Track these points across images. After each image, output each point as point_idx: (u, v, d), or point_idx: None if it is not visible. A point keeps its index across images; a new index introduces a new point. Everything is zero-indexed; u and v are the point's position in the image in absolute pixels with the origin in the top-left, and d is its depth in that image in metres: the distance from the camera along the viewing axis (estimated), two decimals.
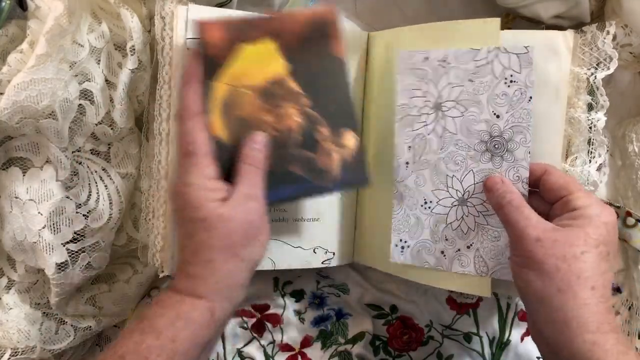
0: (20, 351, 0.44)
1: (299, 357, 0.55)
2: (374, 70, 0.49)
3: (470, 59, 0.41)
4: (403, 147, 0.44)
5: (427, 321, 0.56)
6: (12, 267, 0.46)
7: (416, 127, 0.44)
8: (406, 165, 0.44)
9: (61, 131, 0.41)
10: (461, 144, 0.42)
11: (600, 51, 0.42)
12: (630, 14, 0.42)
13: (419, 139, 0.44)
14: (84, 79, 0.42)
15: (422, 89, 0.43)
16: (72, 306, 0.47)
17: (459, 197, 0.43)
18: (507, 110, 0.41)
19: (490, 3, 0.50)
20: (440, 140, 0.43)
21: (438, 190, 0.43)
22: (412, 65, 0.44)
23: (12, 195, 0.42)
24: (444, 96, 0.42)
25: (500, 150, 0.41)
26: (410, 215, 0.45)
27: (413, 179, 0.44)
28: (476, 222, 0.43)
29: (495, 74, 0.41)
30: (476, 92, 0.42)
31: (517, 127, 0.41)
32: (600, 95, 0.42)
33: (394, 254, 0.46)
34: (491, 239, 0.42)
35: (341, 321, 0.56)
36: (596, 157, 0.43)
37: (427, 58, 0.43)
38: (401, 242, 0.45)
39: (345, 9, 0.53)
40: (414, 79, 0.43)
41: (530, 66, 0.40)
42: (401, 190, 0.45)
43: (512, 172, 0.41)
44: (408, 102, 0.44)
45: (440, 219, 0.44)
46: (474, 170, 0.42)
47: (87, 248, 0.44)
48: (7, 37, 0.41)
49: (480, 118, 0.42)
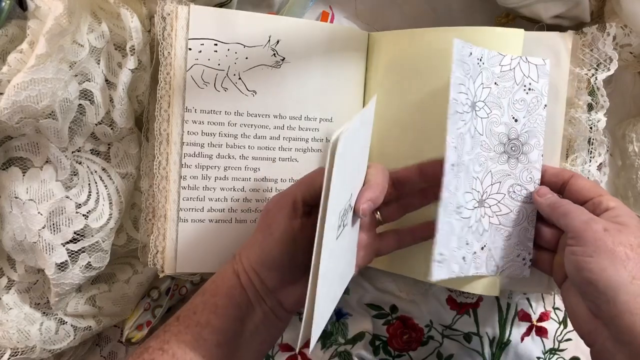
0: (20, 351, 0.44)
1: (298, 357, 0.55)
2: (377, 71, 0.49)
3: (497, 63, 0.43)
4: (451, 148, 0.38)
5: (427, 321, 0.56)
6: (12, 267, 0.46)
7: (459, 125, 0.39)
8: (452, 168, 0.38)
9: (61, 131, 0.41)
10: (485, 145, 0.43)
11: (600, 52, 0.43)
12: (630, 15, 0.42)
13: (460, 138, 0.39)
14: (84, 79, 0.42)
15: (465, 84, 0.40)
16: (72, 306, 0.47)
17: (479, 199, 0.43)
18: (524, 115, 0.43)
19: (491, 3, 0.50)
20: (472, 140, 0.41)
21: (467, 193, 0.41)
22: (462, 57, 0.39)
23: (12, 195, 0.42)
24: (478, 95, 0.42)
25: (516, 152, 0.43)
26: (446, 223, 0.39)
27: (454, 184, 0.39)
28: (490, 222, 0.43)
29: (516, 80, 0.43)
30: (499, 95, 0.43)
31: (532, 131, 0.43)
32: (600, 95, 0.43)
33: (436, 271, 0.38)
34: (503, 238, 0.43)
35: (341, 321, 0.56)
36: (596, 156, 0.44)
37: (471, 53, 0.40)
38: (441, 257, 0.38)
39: (345, 9, 0.53)
40: (462, 72, 0.39)
41: (546, 77, 0.43)
42: (446, 197, 0.37)
43: (525, 174, 0.43)
44: (457, 97, 0.38)
45: (465, 223, 0.41)
46: (492, 171, 0.43)
47: (87, 248, 0.44)
48: (7, 37, 0.41)
49: (501, 121, 0.43)
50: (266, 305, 0.39)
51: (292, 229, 0.38)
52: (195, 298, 0.39)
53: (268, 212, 0.40)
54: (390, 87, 0.48)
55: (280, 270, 0.39)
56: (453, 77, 0.38)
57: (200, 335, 0.37)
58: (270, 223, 0.39)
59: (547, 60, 0.42)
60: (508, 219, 0.43)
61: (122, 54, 0.45)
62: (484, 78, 0.42)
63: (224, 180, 0.46)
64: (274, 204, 0.40)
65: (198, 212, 0.46)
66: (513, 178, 0.43)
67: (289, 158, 0.47)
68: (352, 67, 0.49)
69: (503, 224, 0.43)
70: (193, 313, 0.38)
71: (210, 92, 0.45)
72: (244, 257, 0.40)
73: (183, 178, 0.45)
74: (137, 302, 0.52)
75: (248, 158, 0.46)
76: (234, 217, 0.46)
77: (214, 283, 0.40)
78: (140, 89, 0.46)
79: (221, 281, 0.39)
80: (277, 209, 0.39)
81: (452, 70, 0.37)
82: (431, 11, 0.53)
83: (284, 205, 0.39)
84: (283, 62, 0.46)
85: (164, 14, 0.44)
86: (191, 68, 0.44)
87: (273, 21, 0.46)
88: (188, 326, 0.37)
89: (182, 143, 0.45)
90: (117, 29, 0.45)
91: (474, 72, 0.41)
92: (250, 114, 0.46)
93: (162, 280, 0.53)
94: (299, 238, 0.38)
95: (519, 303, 0.54)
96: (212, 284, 0.40)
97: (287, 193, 0.39)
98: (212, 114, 0.45)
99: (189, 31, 0.44)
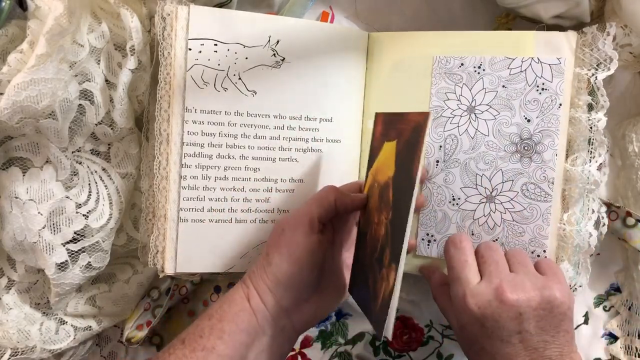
0: (20, 351, 0.44)
1: (298, 357, 0.55)
2: (380, 73, 0.49)
3: (505, 67, 0.45)
4: (434, 146, 0.47)
5: (427, 321, 0.56)
6: (12, 267, 0.46)
7: (448, 127, 0.46)
8: (436, 164, 0.47)
9: (61, 131, 0.41)
10: (492, 144, 0.45)
11: (600, 52, 0.42)
12: (630, 15, 0.42)
13: (450, 139, 0.46)
14: (84, 79, 0.42)
15: (457, 92, 0.46)
16: (72, 306, 0.47)
17: (487, 195, 0.45)
18: (537, 115, 0.44)
19: (491, 3, 0.50)
20: (472, 140, 0.46)
21: (467, 187, 0.46)
22: (447, 70, 0.46)
23: (12, 195, 0.42)
24: (478, 100, 0.46)
25: (529, 151, 0.44)
26: (437, 210, 0.47)
27: (442, 177, 0.46)
28: (502, 218, 0.45)
29: (528, 81, 0.44)
30: (509, 97, 0.45)
31: (546, 131, 0.44)
32: (600, 95, 0.43)
33: (421, 247, 0.47)
34: (516, 234, 0.45)
35: (341, 321, 0.56)
36: (596, 157, 0.43)
37: (462, 64, 0.46)
38: (428, 237, 0.47)
39: (345, 9, 0.53)
40: (449, 82, 0.46)
41: (561, 76, 0.43)
42: (430, 187, 0.47)
43: (539, 173, 0.44)
44: (441, 105, 0.47)
45: (468, 215, 0.46)
46: (503, 169, 0.45)
47: (87, 248, 0.44)
48: (7, 37, 0.41)
49: (512, 121, 0.45)
50: (276, 328, 0.40)
51: (311, 246, 0.39)
52: (202, 321, 0.39)
53: (283, 232, 0.40)
54: (391, 87, 0.48)
55: (297, 288, 0.39)
56: (434, 88, 0.47)
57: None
58: (288, 243, 0.39)
59: (563, 58, 0.43)
60: (521, 216, 0.45)
61: (122, 54, 0.45)
62: (486, 83, 0.45)
63: (224, 180, 0.46)
64: (289, 224, 0.40)
65: (198, 212, 0.46)
66: (526, 176, 0.44)
67: (289, 158, 0.47)
68: (352, 67, 0.49)
69: (517, 220, 0.45)
70: (199, 337, 0.38)
71: (210, 92, 0.45)
72: (256, 279, 0.40)
73: (183, 178, 0.45)
74: (137, 302, 0.52)
75: (248, 158, 0.46)
76: (234, 217, 0.46)
77: (221, 308, 0.39)
78: (140, 89, 0.46)
79: (228, 306, 0.39)
80: (294, 228, 0.40)
81: (433, 83, 0.47)
82: (431, 11, 0.53)
83: (300, 224, 0.40)
84: (283, 62, 0.46)
85: (164, 14, 0.44)
86: (191, 68, 0.44)
87: (273, 21, 0.46)
88: (193, 350, 0.37)
89: (182, 143, 0.45)
90: (117, 29, 0.45)
91: (470, 80, 0.46)
92: (250, 114, 0.46)
93: (162, 280, 0.53)
94: (315, 255, 0.39)
95: None
96: (219, 308, 0.39)
97: (303, 212, 0.40)
98: (212, 114, 0.45)
99: (189, 31, 0.44)
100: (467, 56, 0.46)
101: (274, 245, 0.40)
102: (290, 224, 0.40)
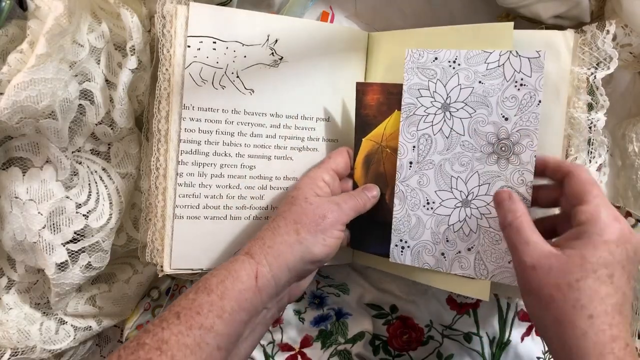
0: (20, 351, 0.44)
1: (298, 356, 0.56)
2: (377, 71, 0.49)
3: (482, 61, 0.41)
4: (407, 147, 0.44)
5: (427, 321, 0.56)
6: (12, 267, 0.46)
7: (422, 127, 0.44)
8: (410, 165, 0.44)
9: (61, 131, 0.41)
10: (468, 145, 0.42)
11: (600, 51, 0.42)
12: (630, 14, 0.42)
13: (424, 139, 0.44)
14: (84, 79, 0.42)
15: (430, 89, 0.43)
16: (72, 306, 0.47)
17: (462, 199, 0.43)
18: (515, 113, 0.41)
19: (490, 3, 0.50)
20: (446, 140, 0.43)
21: (442, 191, 0.43)
22: (420, 64, 0.43)
23: (12, 195, 0.42)
24: (453, 97, 0.42)
25: (506, 152, 0.41)
26: (411, 215, 0.45)
27: (416, 179, 0.44)
28: (478, 224, 0.42)
29: (506, 76, 0.41)
30: (486, 94, 0.41)
31: (524, 130, 0.40)
32: (600, 95, 0.42)
33: (394, 254, 0.45)
34: (492, 242, 0.42)
35: (341, 321, 0.56)
36: (596, 157, 0.43)
37: (436, 58, 0.43)
38: (401, 243, 0.45)
39: (345, 9, 0.53)
40: (422, 78, 0.43)
41: (541, 70, 0.40)
42: (403, 190, 0.45)
43: (516, 176, 0.41)
44: (414, 102, 0.44)
45: (443, 220, 0.44)
46: (479, 172, 0.42)
47: (87, 248, 0.44)
48: (7, 37, 0.41)
49: (488, 120, 0.41)
50: (276, 302, 0.40)
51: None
52: (199, 295, 0.37)
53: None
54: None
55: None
56: (407, 84, 0.44)
57: (202, 339, 0.36)
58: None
59: (542, 52, 0.40)
60: (498, 222, 0.40)
61: (122, 54, 0.45)
62: (461, 79, 0.42)
63: (219, 177, 0.46)
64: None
65: (193, 209, 0.45)
66: (503, 180, 0.41)
67: (285, 156, 0.47)
68: (352, 67, 0.49)
69: (493, 227, 0.42)
70: (197, 314, 0.36)
71: (208, 89, 0.45)
72: (271, 257, 0.39)
73: (179, 175, 0.45)
74: (137, 302, 0.52)
75: (244, 156, 0.46)
76: (229, 214, 0.46)
77: (223, 283, 0.37)
78: (140, 89, 0.46)
79: (232, 283, 0.37)
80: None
81: (405, 78, 0.44)
82: (431, 11, 0.53)
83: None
84: (281, 61, 0.46)
85: (163, 13, 0.44)
86: (190, 65, 0.44)
87: (272, 20, 0.46)
88: (190, 327, 0.35)
89: (180, 140, 0.45)
90: (117, 29, 0.45)
91: (444, 76, 0.43)
92: (247, 112, 0.46)
93: (162, 280, 0.53)
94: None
95: (519, 303, 0.54)
96: (220, 284, 0.37)
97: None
98: (209, 112, 0.45)
99: (188, 29, 0.44)
100: (440, 50, 0.43)
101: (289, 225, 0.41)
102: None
